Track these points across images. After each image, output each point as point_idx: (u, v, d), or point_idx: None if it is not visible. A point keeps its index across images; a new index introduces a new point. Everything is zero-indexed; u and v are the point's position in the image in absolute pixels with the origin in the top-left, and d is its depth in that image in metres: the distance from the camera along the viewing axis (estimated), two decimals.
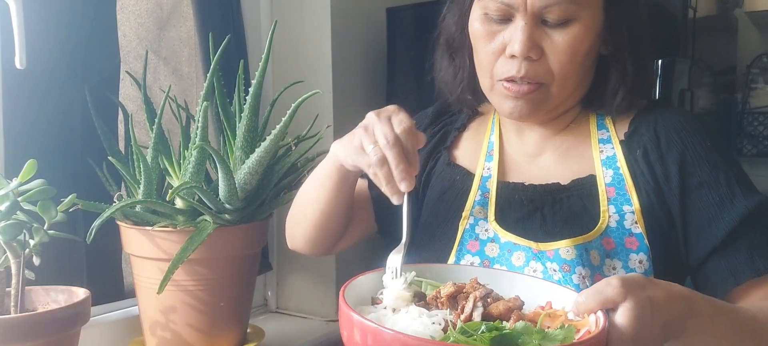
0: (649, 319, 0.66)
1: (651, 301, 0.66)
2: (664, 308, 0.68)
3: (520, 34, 0.87)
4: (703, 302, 0.73)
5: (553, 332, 0.65)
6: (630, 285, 0.66)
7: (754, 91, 2.38)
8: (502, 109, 0.93)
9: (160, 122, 1.10)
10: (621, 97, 0.93)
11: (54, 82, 1.13)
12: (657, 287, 0.69)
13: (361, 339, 0.63)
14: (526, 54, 0.87)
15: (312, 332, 1.45)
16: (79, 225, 1.14)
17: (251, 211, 1.16)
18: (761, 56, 2.38)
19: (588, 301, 0.67)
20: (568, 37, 0.87)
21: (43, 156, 0.95)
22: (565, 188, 0.92)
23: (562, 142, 0.97)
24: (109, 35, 1.24)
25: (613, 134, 0.95)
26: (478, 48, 0.93)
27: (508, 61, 0.89)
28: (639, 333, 0.65)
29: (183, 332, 1.13)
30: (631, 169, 0.91)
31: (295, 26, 1.56)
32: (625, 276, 0.68)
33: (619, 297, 0.65)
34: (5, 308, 0.92)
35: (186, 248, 1.04)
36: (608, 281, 0.67)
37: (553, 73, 0.89)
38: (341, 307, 0.67)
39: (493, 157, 0.99)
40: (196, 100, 1.28)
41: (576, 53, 0.88)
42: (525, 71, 0.88)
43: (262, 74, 1.12)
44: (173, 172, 1.14)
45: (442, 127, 1.07)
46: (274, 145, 1.08)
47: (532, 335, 0.65)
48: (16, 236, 0.89)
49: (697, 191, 0.87)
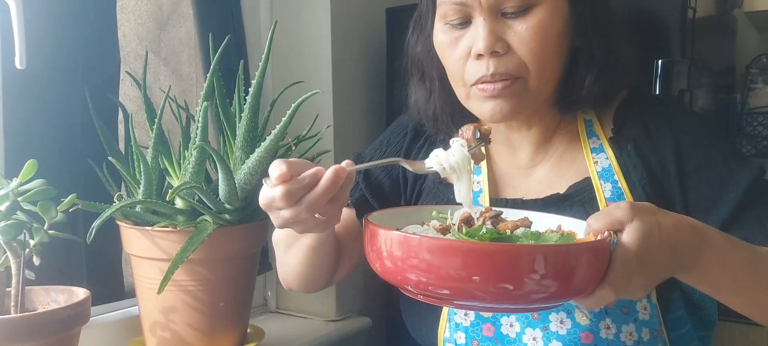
0: (656, 241, 0.67)
1: (659, 224, 0.68)
2: (673, 233, 0.68)
3: (481, 31, 0.85)
4: (716, 235, 0.74)
5: (549, 235, 0.69)
6: (639, 208, 0.68)
7: (753, 91, 2.38)
8: (482, 113, 0.90)
9: (160, 122, 1.10)
10: (590, 83, 0.90)
11: (54, 82, 1.13)
12: (667, 215, 0.70)
13: (386, 251, 0.68)
14: (491, 49, 0.85)
15: (312, 332, 1.46)
16: (79, 225, 1.14)
17: (251, 211, 1.16)
18: (760, 56, 2.38)
19: (597, 222, 0.68)
20: (532, 23, 0.85)
21: (43, 156, 0.95)
22: (565, 196, 0.91)
23: (554, 151, 0.96)
24: (109, 35, 1.23)
25: (603, 138, 0.94)
26: (446, 59, 0.91)
27: (476, 63, 0.87)
28: (644, 252, 0.66)
29: (183, 332, 1.13)
30: (625, 172, 0.90)
31: (295, 26, 1.56)
32: (635, 202, 0.69)
33: (627, 218, 0.67)
34: (5, 308, 0.92)
35: (186, 248, 1.04)
36: (618, 203, 0.69)
37: (526, 65, 0.86)
38: (370, 228, 0.71)
39: (482, 170, 0.98)
40: (196, 101, 1.28)
41: (545, 39, 0.85)
42: (494, 68, 0.85)
43: (262, 74, 1.12)
44: (173, 172, 1.14)
45: (427, 139, 1.06)
46: (274, 145, 1.08)
47: (529, 237, 0.69)
48: (16, 236, 0.89)
49: (697, 174, 0.88)
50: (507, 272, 0.62)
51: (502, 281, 0.62)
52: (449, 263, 0.63)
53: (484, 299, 0.64)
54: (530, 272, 0.61)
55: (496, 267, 0.62)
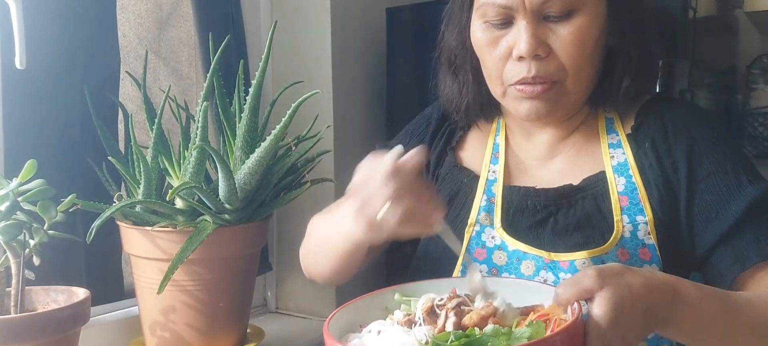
0: (627, 307, 0.65)
1: (629, 288, 0.66)
2: (644, 295, 0.66)
3: (524, 34, 0.85)
4: (689, 286, 0.72)
5: (520, 331, 0.65)
6: (606, 274, 0.66)
7: (755, 91, 2.38)
8: (518, 112, 0.91)
9: (160, 122, 1.10)
10: (627, 84, 0.90)
11: (54, 82, 1.13)
12: (636, 274, 0.68)
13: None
14: (533, 53, 0.85)
15: (312, 332, 1.45)
16: (79, 225, 1.14)
17: (251, 211, 1.16)
18: (761, 57, 2.38)
19: (566, 292, 0.66)
20: (574, 28, 0.85)
21: (43, 156, 0.96)
22: (578, 188, 0.91)
23: (573, 144, 0.96)
24: (109, 35, 1.24)
25: (622, 134, 0.93)
26: (484, 57, 0.91)
27: (517, 64, 0.87)
28: (617, 321, 0.64)
29: (183, 332, 1.13)
30: (641, 168, 0.89)
31: (295, 26, 1.56)
32: (601, 266, 0.68)
33: (596, 286, 0.65)
34: (5, 308, 0.92)
35: (186, 248, 1.04)
36: (585, 271, 0.67)
37: (566, 68, 0.86)
38: (325, 339, 0.67)
39: (499, 160, 0.98)
40: (196, 100, 1.28)
41: (585, 44, 0.86)
42: (536, 71, 0.86)
43: (262, 74, 1.12)
44: (173, 172, 1.14)
45: (447, 128, 1.06)
46: (274, 145, 1.08)
47: (500, 337, 0.64)
48: (16, 236, 0.89)
49: (706, 181, 0.87)
50: None
51: None
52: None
53: None
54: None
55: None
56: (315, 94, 1.07)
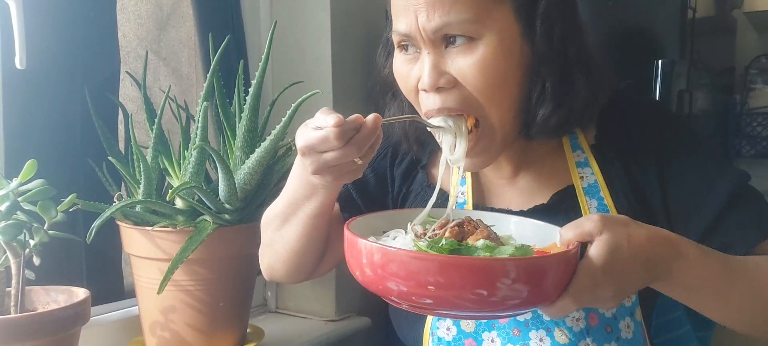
0: (625, 253, 0.67)
1: (629, 237, 0.67)
2: (645, 246, 0.68)
3: (425, 65, 0.81)
4: (690, 245, 0.73)
5: (505, 248, 0.69)
6: (610, 220, 0.68)
7: (753, 92, 2.39)
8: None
9: (160, 122, 1.10)
10: (544, 116, 0.83)
11: (54, 82, 1.13)
12: (640, 227, 0.70)
13: (367, 259, 0.69)
14: (435, 85, 0.80)
15: (312, 332, 1.45)
16: (79, 225, 1.14)
17: (251, 211, 1.16)
18: (760, 57, 2.39)
19: (568, 233, 0.69)
20: (477, 58, 0.79)
21: (43, 156, 0.96)
22: (548, 206, 0.90)
23: (538, 158, 0.94)
24: (109, 35, 1.23)
25: (587, 148, 0.91)
26: (402, 88, 0.88)
27: (426, 96, 0.83)
28: (611, 265, 0.66)
29: (183, 332, 1.13)
30: (611, 185, 0.89)
31: (295, 26, 1.56)
32: (607, 214, 0.70)
33: (597, 230, 0.67)
34: (5, 308, 0.92)
35: (186, 248, 1.04)
36: (589, 215, 0.69)
37: (476, 99, 0.81)
38: (347, 237, 0.72)
39: (466, 180, 0.96)
40: (196, 101, 1.28)
41: (489, 74, 0.79)
42: (441, 103, 0.81)
43: (262, 74, 1.12)
44: (173, 172, 1.14)
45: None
46: (273, 145, 1.08)
47: (486, 250, 0.69)
48: (16, 236, 0.89)
49: (678, 180, 0.87)
50: (472, 282, 0.63)
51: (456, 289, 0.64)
52: (420, 270, 0.65)
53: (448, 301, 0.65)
54: (502, 277, 0.63)
55: (454, 277, 0.64)
56: (315, 94, 1.07)
